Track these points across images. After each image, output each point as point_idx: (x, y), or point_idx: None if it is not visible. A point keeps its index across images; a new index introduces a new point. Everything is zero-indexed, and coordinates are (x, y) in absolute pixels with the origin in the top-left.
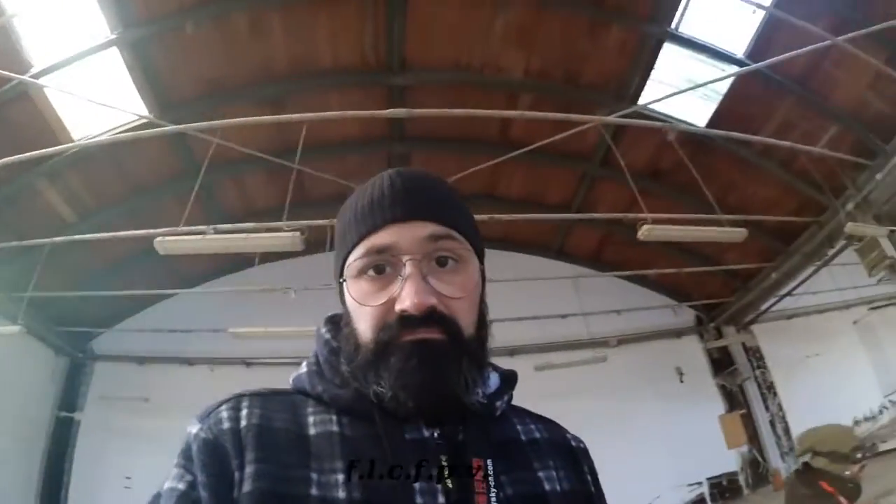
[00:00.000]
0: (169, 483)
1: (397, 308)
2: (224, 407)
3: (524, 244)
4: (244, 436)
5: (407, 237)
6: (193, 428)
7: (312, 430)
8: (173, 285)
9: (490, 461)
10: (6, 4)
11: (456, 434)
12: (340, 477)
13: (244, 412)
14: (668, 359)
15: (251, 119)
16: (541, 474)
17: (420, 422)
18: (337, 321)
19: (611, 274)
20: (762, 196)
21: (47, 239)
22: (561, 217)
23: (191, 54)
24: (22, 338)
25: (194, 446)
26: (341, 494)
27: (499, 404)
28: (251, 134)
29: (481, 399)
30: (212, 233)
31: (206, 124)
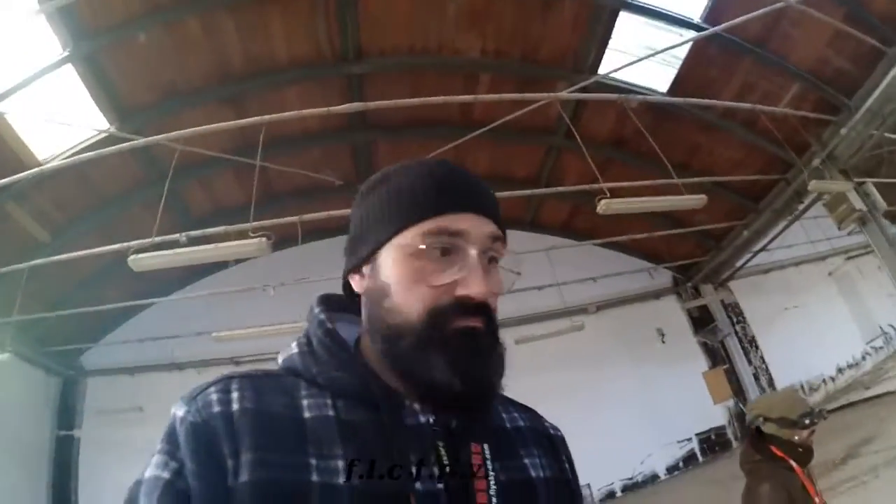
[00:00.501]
0: (151, 471)
1: (459, 292)
2: (213, 389)
3: None
4: (237, 420)
5: (478, 228)
6: (180, 411)
7: (307, 414)
8: (153, 293)
9: (486, 446)
10: None
11: (449, 421)
12: (340, 463)
13: (235, 395)
14: (649, 321)
15: (210, 127)
16: (526, 461)
17: (428, 407)
18: (333, 300)
19: (588, 243)
20: (727, 157)
21: (24, 264)
22: (528, 193)
23: (145, 61)
24: (11, 363)
25: (181, 431)
26: (342, 480)
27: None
28: (213, 135)
29: None
30: (184, 240)
31: (164, 136)
